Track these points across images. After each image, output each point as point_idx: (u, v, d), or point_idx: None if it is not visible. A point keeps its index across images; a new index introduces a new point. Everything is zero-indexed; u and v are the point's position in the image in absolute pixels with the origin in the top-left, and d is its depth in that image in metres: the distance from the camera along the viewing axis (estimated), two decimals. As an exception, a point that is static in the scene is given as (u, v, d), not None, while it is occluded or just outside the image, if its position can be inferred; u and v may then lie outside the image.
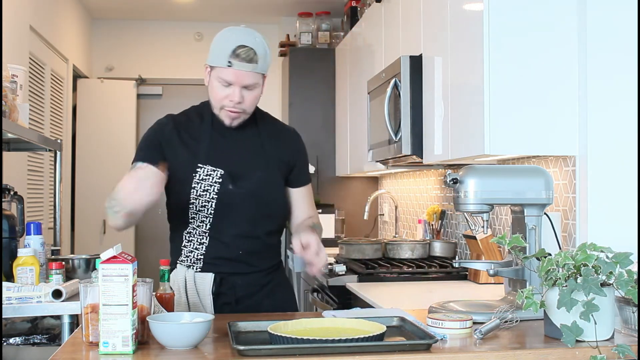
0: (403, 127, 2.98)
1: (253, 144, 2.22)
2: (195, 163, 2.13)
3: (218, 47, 2.09)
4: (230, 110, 2.12)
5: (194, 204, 2.13)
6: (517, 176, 2.07)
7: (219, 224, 2.13)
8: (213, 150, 2.16)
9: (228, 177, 2.13)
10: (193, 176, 2.12)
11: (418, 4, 3.06)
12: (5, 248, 2.72)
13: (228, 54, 2.05)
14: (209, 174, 2.13)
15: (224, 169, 2.13)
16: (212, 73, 2.11)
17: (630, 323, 1.79)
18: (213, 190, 2.12)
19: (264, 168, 2.20)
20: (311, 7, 5.56)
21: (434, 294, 2.73)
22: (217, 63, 2.08)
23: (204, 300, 2.16)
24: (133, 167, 2.07)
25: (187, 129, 2.19)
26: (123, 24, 6.30)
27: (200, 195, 2.12)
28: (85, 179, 5.92)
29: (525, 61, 2.28)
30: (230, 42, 2.07)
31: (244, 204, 2.14)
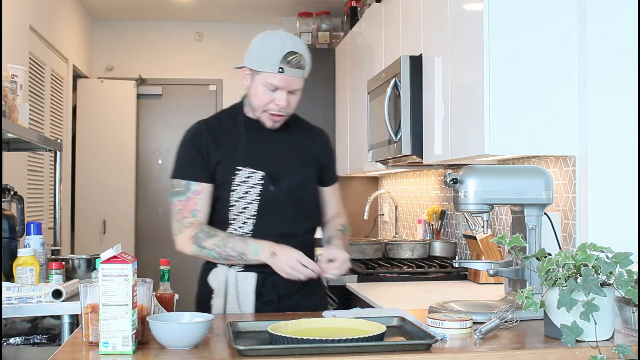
0: (403, 127, 2.98)
1: (287, 145, 2.28)
2: (234, 166, 2.18)
3: (265, 52, 2.13)
4: (274, 113, 2.18)
5: (235, 205, 2.18)
6: (517, 176, 2.07)
7: (262, 224, 2.19)
8: (250, 152, 2.21)
9: (269, 179, 2.18)
10: (232, 179, 2.18)
11: (418, 4, 3.06)
12: (5, 248, 2.72)
13: (279, 60, 2.11)
14: (249, 176, 2.18)
15: (263, 170, 2.19)
16: (257, 78, 2.15)
17: (630, 323, 1.79)
18: (255, 192, 2.18)
19: (300, 167, 2.26)
20: (311, 7, 5.56)
21: (434, 294, 2.73)
22: (266, 69, 2.12)
23: (245, 299, 2.19)
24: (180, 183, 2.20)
25: (221, 133, 2.24)
26: (123, 24, 6.30)
27: (242, 197, 2.18)
28: (85, 179, 5.92)
29: (525, 61, 2.28)
30: (279, 48, 2.11)
31: (284, 203, 2.21)
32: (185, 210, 2.19)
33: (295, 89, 2.17)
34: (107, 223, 5.98)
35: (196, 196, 2.18)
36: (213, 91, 6.43)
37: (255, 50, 2.16)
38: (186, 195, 2.19)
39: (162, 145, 6.38)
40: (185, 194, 2.19)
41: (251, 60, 2.16)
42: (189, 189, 2.18)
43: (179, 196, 2.20)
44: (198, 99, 6.42)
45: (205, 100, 6.42)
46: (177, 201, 2.20)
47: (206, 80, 6.40)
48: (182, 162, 2.23)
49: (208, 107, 6.40)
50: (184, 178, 2.20)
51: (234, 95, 6.38)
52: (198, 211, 2.18)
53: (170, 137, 6.37)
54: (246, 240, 2.12)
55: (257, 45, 2.17)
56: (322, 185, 2.35)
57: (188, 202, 2.19)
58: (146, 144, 6.36)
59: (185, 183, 2.19)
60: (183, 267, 6.29)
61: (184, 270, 6.28)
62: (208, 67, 6.38)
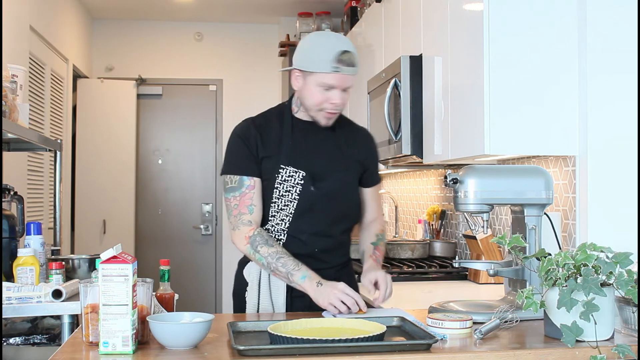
0: (403, 127, 2.98)
1: (331, 146, 2.30)
2: (278, 164, 2.21)
3: (317, 53, 2.15)
4: (329, 112, 2.21)
5: (276, 203, 2.22)
6: (517, 176, 2.07)
7: (299, 223, 2.22)
8: (294, 152, 2.24)
9: (309, 179, 2.21)
10: (276, 177, 2.21)
11: (418, 4, 3.06)
12: (5, 248, 2.72)
13: (333, 60, 2.13)
14: (291, 175, 2.21)
15: (305, 170, 2.22)
16: (311, 78, 2.17)
17: (630, 323, 1.79)
18: (295, 191, 2.21)
19: (343, 169, 2.28)
20: (311, 7, 5.56)
21: (434, 294, 2.73)
22: (321, 69, 2.14)
23: (277, 293, 2.21)
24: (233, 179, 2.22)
25: (267, 130, 2.27)
26: (123, 24, 6.30)
27: (283, 196, 2.21)
28: (85, 179, 5.92)
29: (525, 61, 2.28)
30: (331, 47, 2.14)
31: (323, 204, 2.23)
32: (241, 206, 2.20)
33: (348, 86, 2.21)
34: (107, 223, 5.98)
35: (250, 191, 2.21)
36: (213, 91, 6.43)
37: (306, 51, 2.18)
38: (241, 191, 2.21)
39: (162, 145, 6.38)
40: (240, 189, 2.21)
41: (303, 62, 2.18)
42: (243, 184, 2.21)
43: (234, 192, 2.22)
44: (198, 99, 6.43)
45: (205, 100, 6.42)
46: (232, 197, 2.22)
47: (206, 80, 6.41)
48: (233, 157, 2.26)
49: (208, 107, 6.41)
50: (236, 173, 2.22)
51: (234, 95, 6.39)
52: (254, 206, 2.21)
53: (171, 137, 6.38)
54: (299, 264, 2.13)
55: (308, 47, 2.19)
56: (363, 187, 2.37)
57: (243, 197, 2.21)
58: (146, 144, 6.36)
59: (238, 178, 2.22)
60: (183, 267, 6.32)
61: (184, 270, 6.30)
62: (208, 67, 6.38)
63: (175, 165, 6.38)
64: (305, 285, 2.10)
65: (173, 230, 6.35)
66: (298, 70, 2.20)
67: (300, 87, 2.21)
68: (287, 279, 2.13)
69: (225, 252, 6.32)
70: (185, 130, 6.38)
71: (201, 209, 6.39)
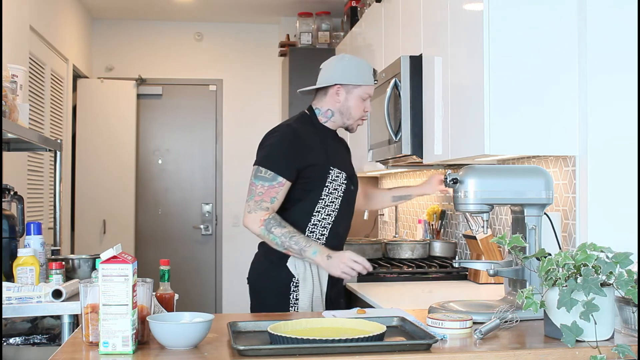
0: (403, 127, 2.98)
1: (345, 151, 2.74)
2: (328, 166, 2.52)
3: (361, 70, 2.58)
4: (364, 119, 2.64)
5: (324, 199, 2.52)
6: (517, 176, 2.07)
7: (340, 218, 2.57)
8: (334, 155, 2.58)
9: (349, 179, 2.60)
10: (327, 177, 2.52)
11: (418, 4, 3.06)
12: (5, 248, 2.72)
13: (372, 74, 2.60)
14: (337, 175, 2.55)
15: (345, 171, 2.58)
16: (356, 91, 2.57)
17: (630, 323, 1.79)
18: (341, 189, 2.55)
19: (354, 169, 2.70)
20: (311, 7, 5.56)
21: (434, 294, 2.73)
22: (366, 82, 2.58)
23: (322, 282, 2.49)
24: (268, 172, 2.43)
25: (311, 137, 2.55)
26: (123, 24, 6.30)
27: (331, 193, 2.53)
28: (85, 179, 5.92)
29: (525, 61, 2.28)
30: (368, 65, 2.61)
31: (354, 201, 2.67)
32: (266, 195, 2.42)
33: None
34: (107, 223, 5.98)
35: (280, 187, 2.43)
36: (213, 91, 6.43)
37: (351, 69, 2.57)
38: (271, 183, 2.42)
39: (162, 145, 6.38)
40: (271, 182, 2.42)
41: (350, 77, 2.55)
42: (276, 179, 2.43)
43: (264, 181, 2.43)
44: (198, 99, 6.42)
45: (205, 100, 6.42)
46: (260, 184, 2.43)
47: (206, 80, 6.40)
48: (276, 155, 2.46)
49: (208, 107, 6.41)
50: (273, 170, 2.43)
51: (234, 95, 6.39)
52: (277, 199, 2.43)
53: (170, 137, 6.38)
54: (309, 241, 2.41)
55: (352, 66, 2.58)
56: None
57: (271, 189, 2.42)
58: (146, 144, 6.36)
59: (272, 174, 2.43)
60: (183, 267, 6.32)
61: (184, 270, 6.30)
62: (208, 67, 6.38)
63: (175, 165, 6.38)
64: (317, 259, 2.39)
65: (173, 230, 6.35)
66: (340, 85, 2.55)
67: (343, 100, 2.57)
68: (300, 254, 2.40)
69: (225, 252, 6.32)
70: (185, 130, 6.38)
71: (201, 209, 6.39)
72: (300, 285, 2.45)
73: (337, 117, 2.60)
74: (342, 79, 2.55)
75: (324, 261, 2.39)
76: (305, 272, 2.45)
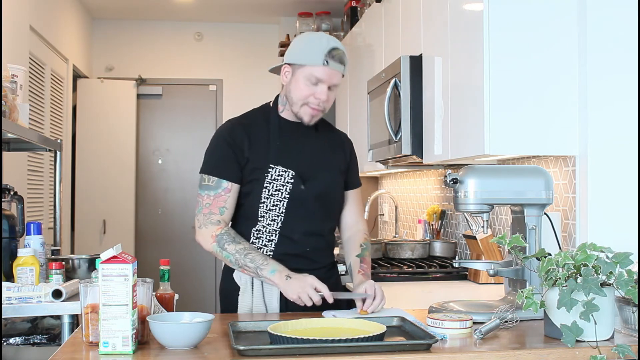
0: (403, 127, 2.98)
1: (317, 146, 2.32)
2: (267, 164, 2.22)
3: (310, 47, 2.20)
4: (313, 107, 2.22)
5: (265, 203, 2.22)
6: (517, 176, 2.07)
7: (290, 222, 2.23)
8: (283, 151, 2.24)
9: (299, 178, 2.22)
10: (265, 176, 2.21)
11: (418, 4, 3.06)
12: (5, 248, 2.72)
13: (324, 54, 2.17)
14: (281, 174, 2.22)
15: (294, 169, 2.23)
16: (300, 71, 2.20)
17: (630, 323, 1.79)
18: (285, 190, 2.22)
19: (329, 170, 2.31)
20: (311, 7, 5.56)
21: (434, 294, 2.73)
22: (311, 62, 2.18)
23: (271, 296, 2.20)
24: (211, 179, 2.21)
25: (254, 130, 2.27)
26: (123, 24, 6.30)
27: (272, 195, 2.21)
28: (85, 179, 5.92)
29: (525, 61, 2.28)
30: (324, 43, 2.19)
31: (313, 203, 2.25)
32: (213, 206, 2.20)
33: (334, 84, 2.22)
34: (107, 223, 5.98)
35: (226, 194, 2.21)
36: (213, 91, 6.43)
37: (299, 46, 2.23)
38: (217, 192, 2.21)
39: (162, 145, 6.38)
40: (216, 190, 2.21)
41: (294, 56, 2.22)
42: (220, 185, 2.21)
43: (209, 190, 2.21)
44: (198, 99, 6.42)
45: (205, 100, 6.42)
46: (206, 195, 2.21)
47: (206, 80, 6.41)
48: (215, 159, 2.26)
49: (208, 107, 6.41)
50: (215, 175, 2.22)
51: (234, 96, 6.39)
52: (226, 209, 2.21)
53: (170, 137, 6.38)
54: (267, 259, 2.14)
55: (300, 42, 2.24)
56: (345, 189, 2.40)
57: (218, 198, 2.20)
58: (146, 144, 6.36)
59: (216, 180, 2.21)
60: (183, 267, 6.31)
61: (184, 270, 6.30)
62: (208, 67, 6.38)
63: (175, 165, 6.38)
64: (274, 278, 2.11)
65: (173, 230, 6.35)
66: (288, 65, 2.23)
67: (288, 82, 2.24)
68: (256, 273, 2.13)
69: (225, 252, 6.32)
70: (185, 130, 6.38)
71: (201, 209, 6.39)
72: (240, 298, 2.22)
73: (288, 103, 2.28)
74: (288, 57, 2.24)
75: (282, 281, 2.09)
76: (247, 285, 2.21)
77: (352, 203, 2.42)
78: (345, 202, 2.40)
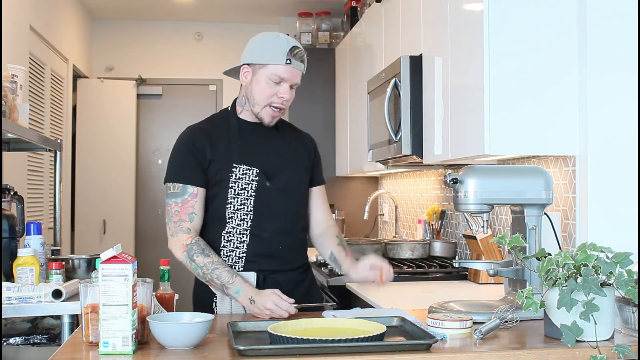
0: (403, 127, 2.98)
1: (280, 145, 2.32)
2: (231, 163, 2.20)
3: (270, 46, 2.19)
4: (277, 106, 2.22)
5: (232, 203, 2.21)
6: (517, 176, 2.07)
7: (259, 220, 2.22)
8: (245, 150, 2.24)
9: (263, 175, 2.22)
10: (229, 176, 2.20)
11: (418, 4, 3.06)
12: (5, 248, 2.72)
13: (285, 53, 2.17)
14: (245, 172, 2.21)
15: (258, 167, 2.22)
16: (261, 71, 2.20)
17: (630, 323, 1.79)
18: (251, 187, 2.21)
19: (293, 166, 2.31)
20: (311, 7, 5.56)
21: (434, 294, 2.73)
22: (273, 61, 2.17)
23: None
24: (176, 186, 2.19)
25: (215, 134, 2.26)
26: (123, 24, 6.30)
27: (238, 194, 2.20)
28: (85, 179, 5.92)
29: (525, 61, 2.28)
30: (284, 42, 2.19)
31: (280, 200, 2.25)
32: (182, 213, 2.18)
33: (296, 83, 2.23)
34: (107, 223, 5.98)
35: (193, 199, 2.19)
36: (213, 91, 6.43)
37: (258, 46, 2.21)
38: (183, 198, 2.19)
39: (162, 145, 6.38)
40: (183, 196, 2.19)
41: (254, 56, 2.21)
42: (186, 191, 2.19)
43: (176, 198, 2.19)
44: (198, 99, 6.42)
45: (205, 100, 6.42)
46: (173, 203, 2.19)
47: (206, 80, 6.40)
48: (177, 165, 2.24)
49: (208, 107, 6.40)
50: (180, 182, 2.20)
51: (234, 96, 6.35)
52: (195, 215, 2.19)
53: (170, 137, 6.34)
54: (234, 277, 2.11)
55: (260, 42, 2.22)
56: (310, 186, 2.39)
57: (185, 204, 2.18)
58: (146, 144, 6.36)
59: (181, 186, 2.19)
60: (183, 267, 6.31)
61: (184, 270, 6.30)
62: (208, 67, 6.38)
63: (175, 165, 6.37)
64: (240, 299, 2.10)
65: (173, 230, 6.34)
66: (247, 65, 2.22)
67: (249, 82, 2.23)
68: (222, 291, 2.13)
69: (225, 252, 6.32)
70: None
71: (201, 209, 6.39)
72: (218, 306, 2.21)
73: (247, 103, 2.27)
74: (247, 58, 2.22)
75: (247, 304, 2.08)
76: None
77: (319, 200, 2.42)
78: (311, 200, 2.39)
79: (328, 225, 2.41)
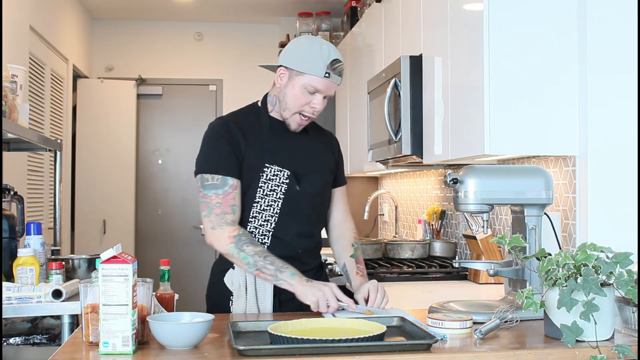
0: (403, 127, 2.98)
1: (308, 147, 2.30)
2: (263, 163, 2.18)
3: (312, 56, 2.15)
4: (307, 115, 2.21)
5: (259, 202, 2.18)
6: (517, 176, 2.07)
7: (284, 223, 2.20)
8: (277, 151, 2.21)
9: (294, 178, 2.20)
10: (260, 175, 2.18)
11: (418, 4, 3.06)
12: (5, 248, 2.72)
13: (326, 65, 2.14)
14: (276, 174, 2.19)
15: (289, 169, 2.20)
16: (299, 79, 2.17)
17: (630, 323, 1.79)
18: (280, 190, 2.19)
19: (320, 169, 2.30)
20: (311, 7, 5.56)
21: (434, 294, 2.73)
22: (312, 71, 2.14)
23: (264, 298, 2.18)
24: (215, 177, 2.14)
25: (249, 128, 2.23)
26: (123, 24, 6.30)
27: (267, 195, 2.18)
28: (85, 179, 5.92)
29: (525, 61, 2.28)
30: (326, 54, 2.15)
31: (307, 204, 2.24)
32: (225, 205, 2.13)
33: (329, 95, 2.22)
34: (107, 223, 5.98)
35: (234, 191, 2.15)
36: (213, 91, 6.43)
37: (300, 52, 2.18)
38: (224, 189, 2.14)
39: (162, 145, 6.38)
40: (223, 188, 2.14)
41: (294, 61, 2.17)
42: (226, 182, 2.14)
43: (216, 189, 2.14)
44: (198, 99, 6.42)
45: (205, 100, 6.42)
46: (214, 194, 2.13)
47: (206, 80, 6.41)
48: (214, 155, 2.19)
49: (208, 107, 6.41)
50: (219, 173, 2.15)
51: (234, 96, 6.39)
52: (237, 206, 2.15)
53: (171, 137, 6.38)
54: (286, 262, 2.08)
55: (302, 48, 2.19)
56: (332, 186, 2.39)
57: (227, 196, 2.14)
58: (146, 144, 6.36)
59: (221, 178, 2.14)
60: (183, 267, 6.31)
61: (184, 270, 6.30)
62: (208, 67, 6.38)
63: (175, 165, 6.38)
64: (293, 281, 2.05)
65: (173, 230, 6.35)
66: (285, 67, 2.19)
67: (284, 85, 2.20)
68: (275, 276, 2.07)
69: (225, 252, 6.31)
70: (185, 130, 6.38)
71: (201, 209, 6.39)
72: (234, 303, 2.18)
73: (278, 105, 2.24)
74: (286, 60, 2.18)
75: (302, 284, 2.04)
76: (240, 289, 2.18)
77: (339, 201, 2.41)
78: (332, 200, 2.39)
79: (346, 228, 2.40)
